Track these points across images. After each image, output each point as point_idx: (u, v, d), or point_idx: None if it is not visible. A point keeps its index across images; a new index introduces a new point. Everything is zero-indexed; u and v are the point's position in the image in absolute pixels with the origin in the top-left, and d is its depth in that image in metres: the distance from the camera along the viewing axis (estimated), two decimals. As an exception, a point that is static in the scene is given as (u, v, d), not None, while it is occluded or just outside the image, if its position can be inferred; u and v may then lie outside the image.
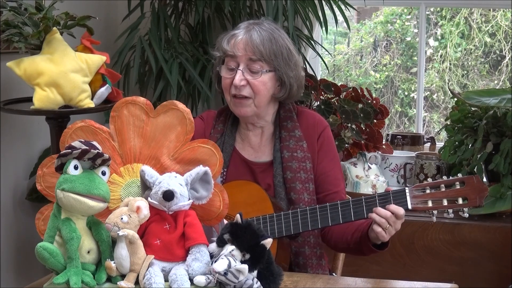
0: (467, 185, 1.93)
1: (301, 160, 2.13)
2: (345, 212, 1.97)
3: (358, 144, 3.31)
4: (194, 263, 1.64)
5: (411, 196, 1.94)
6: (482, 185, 1.93)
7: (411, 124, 4.85)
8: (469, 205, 1.92)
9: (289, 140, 2.15)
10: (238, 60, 2.08)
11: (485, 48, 4.66)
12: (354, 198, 1.99)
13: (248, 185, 2.10)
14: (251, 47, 2.07)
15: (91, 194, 1.62)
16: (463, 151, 3.11)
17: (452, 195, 1.94)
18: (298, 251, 2.12)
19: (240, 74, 2.08)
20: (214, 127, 2.21)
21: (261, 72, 2.08)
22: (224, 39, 2.12)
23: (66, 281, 1.59)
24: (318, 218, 1.98)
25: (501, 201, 2.98)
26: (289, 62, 2.11)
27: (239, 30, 2.12)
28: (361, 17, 5.02)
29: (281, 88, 2.13)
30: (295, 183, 2.12)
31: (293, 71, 2.13)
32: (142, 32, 3.31)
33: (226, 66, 2.11)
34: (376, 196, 1.95)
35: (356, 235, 2.05)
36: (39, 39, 2.59)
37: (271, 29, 2.11)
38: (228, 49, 2.09)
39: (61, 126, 2.62)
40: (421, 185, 1.97)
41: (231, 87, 2.10)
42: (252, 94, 2.09)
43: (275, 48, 2.08)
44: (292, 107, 2.21)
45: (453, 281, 2.08)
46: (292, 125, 2.17)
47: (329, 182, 2.16)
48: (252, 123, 2.18)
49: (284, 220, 2.00)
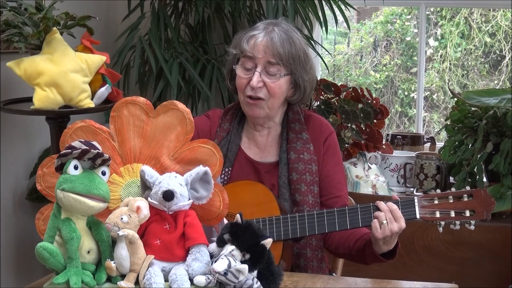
0: (475, 198, 1.94)
1: (307, 162, 2.13)
2: (353, 218, 1.96)
3: (358, 144, 3.31)
4: (194, 263, 1.64)
5: (419, 206, 1.94)
6: (489, 198, 1.94)
7: (411, 124, 4.85)
8: (476, 218, 1.93)
9: (296, 142, 2.15)
10: (257, 61, 2.08)
11: (485, 48, 4.66)
12: (362, 204, 1.97)
13: (254, 185, 2.09)
14: (271, 50, 2.06)
15: (91, 194, 1.62)
16: (463, 151, 3.11)
17: (460, 207, 1.94)
18: (299, 252, 2.11)
19: (258, 76, 2.07)
20: (220, 125, 2.21)
21: (279, 75, 2.08)
22: (243, 38, 2.11)
23: (66, 281, 1.58)
24: (325, 222, 1.98)
25: (501, 201, 2.98)
26: (305, 66, 2.12)
27: (259, 31, 2.11)
28: (361, 17, 5.02)
29: (295, 91, 2.14)
30: (300, 184, 2.11)
31: (308, 75, 2.13)
32: (142, 32, 3.31)
33: (243, 66, 2.11)
34: (385, 203, 1.94)
35: (359, 243, 2.04)
36: (39, 39, 2.59)
37: (289, 31, 2.11)
38: (247, 49, 2.08)
39: (61, 126, 2.62)
40: (429, 195, 1.96)
41: (246, 87, 2.10)
42: (268, 96, 2.09)
43: (294, 51, 2.08)
44: (300, 110, 2.21)
45: (453, 281, 2.08)
46: (300, 127, 2.17)
47: (332, 186, 2.16)
48: (261, 124, 2.18)
49: (291, 223, 1.99)
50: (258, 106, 2.10)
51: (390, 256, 1.99)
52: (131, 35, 3.30)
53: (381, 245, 1.94)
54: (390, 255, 1.99)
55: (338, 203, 2.11)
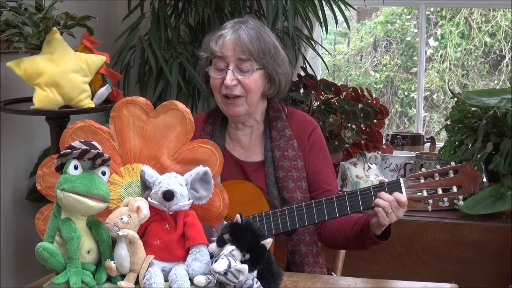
0: (460, 173, 1.95)
1: (292, 159, 2.14)
2: (341, 206, 1.98)
3: (358, 144, 3.31)
4: (194, 263, 1.64)
5: (405, 186, 1.96)
6: (475, 172, 1.95)
7: (411, 124, 4.85)
8: (464, 193, 1.94)
9: (279, 140, 2.16)
10: (228, 60, 2.09)
11: (485, 48, 4.66)
12: (349, 191, 2.00)
13: (242, 184, 2.11)
14: (240, 47, 2.08)
15: (91, 194, 1.62)
16: (463, 151, 3.11)
17: (447, 183, 1.95)
18: (294, 249, 2.12)
19: (231, 74, 2.08)
20: (204, 129, 2.22)
21: (252, 71, 2.09)
22: (212, 39, 2.12)
23: (66, 281, 1.58)
24: (314, 212, 1.99)
25: (501, 201, 2.98)
26: (276, 59, 2.13)
27: (226, 30, 2.12)
28: (361, 17, 5.02)
29: (271, 85, 2.15)
30: (287, 182, 2.13)
31: (281, 67, 2.14)
32: (142, 32, 3.31)
33: (215, 67, 2.12)
34: (371, 188, 1.97)
35: (356, 228, 2.06)
36: (39, 39, 2.59)
37: (257, 27, 2.13)
38: (216, 50, 2.10)
39: (61, 126, 2.62)
40: (415, 175, 1.98)
41: (221, 87, 2.11)
42: (244, 93, 2.10)
43: (263, 46, 2.10)
44: (281, 107, 2.22)
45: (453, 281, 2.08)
46: (281, 124, 2.18)
47: (321, 181, 2.17)
48: (242, 123, 2.19)
49: (280, 216, 2.01)
50: (237, 104, 2.11)
51: (385, 237, 2.02)
52: (131, 35, 3.30)
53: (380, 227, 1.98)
54: (385, 236, 2.02)
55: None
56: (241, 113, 2.14)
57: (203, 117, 2.26)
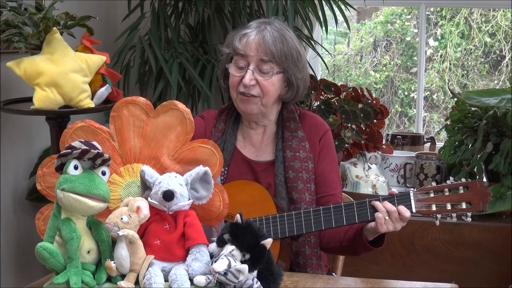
0: (470, 190, 1.94)
1: (303, 160, 2.14)
2: (349, 214, 1.97)
3: (358, 144, 3.31)
4: (194, 263, 1.64)
5: (415, 199, 1.94)
6: (485, 189, 1.94)
7: (411, 124, 4.85)
8: (473, 210, 1.93)
9: (291, 140, 2.16)
10: (249, 59, 2.09)
11: (485, 48, 4.66)
12: (358, 201, 1.98)
13: (250, 185, 2.10)
14: (263, 48, 2.07)
15: (91, 194, 1.62)
16: (463, 151, 3.11)
17: (456, 199, 1.94)
18: (298, 250, 2.12)
19: (250, 74, 2.08)
20: (215, 125, 2.22)
21: (271, 73, 2.09)
22: (236, 37, 2.12)
23: (66, 281, 1.58)
24: (322, 219, 1.98)
25: (501, 201, 2.98)
26: (298, 64, 2.13)
27: (251, 29, 2.12)
28: (361, 17, 5.02)
29: (289, 89, 2.15)
30: (297, 182, 2.12)
31: (301, 73, 2.14)
32: (142, 32, 3.31)
33: (235, 64, 2.12)
34: (381, 199, 1.95)
35: (350, 233, 2.06)
36: (39, 39, 2.59)
37: (282, 30, 2.12)
38: (239, 48, 2.09)
39: (61, 126, 2.62)
40: (425, 189, 1.97)
41: (239, 85, 2.11)
42: (261, 94, 2.10)
43: (286, 49, 2.09)
44: (294, 108, 2.22)
45: (453, 281, 2.08)
46: (294, 125, 2.18)
47: (326, 184, 2.17)
48: (256, 122, 2.19)
49: (287, 221, 2.00)
50: (251, 102, 2.11)
51: (378, 243, 2.02)
52: (131, 35, 3.30)
53: (374, 233, 1.98)
54: (378, 243, 2.02)
55: (332, 201, 2.11)
56: (254, 111, 2.13)
57: (215, 114, 2.25)
